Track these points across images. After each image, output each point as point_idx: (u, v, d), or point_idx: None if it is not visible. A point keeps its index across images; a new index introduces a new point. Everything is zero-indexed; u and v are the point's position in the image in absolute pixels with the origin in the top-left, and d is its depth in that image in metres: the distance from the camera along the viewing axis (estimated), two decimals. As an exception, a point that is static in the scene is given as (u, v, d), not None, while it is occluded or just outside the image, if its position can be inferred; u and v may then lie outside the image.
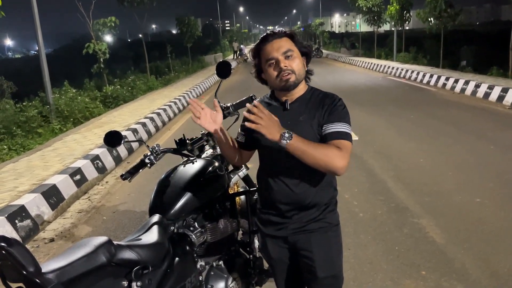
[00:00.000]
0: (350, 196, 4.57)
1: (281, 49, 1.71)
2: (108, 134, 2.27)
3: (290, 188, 1.78)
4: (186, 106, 12.36)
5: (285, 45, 1.72)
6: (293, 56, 1.72)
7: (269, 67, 1.74)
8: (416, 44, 22.23)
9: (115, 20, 12.79)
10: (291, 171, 1.77)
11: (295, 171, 1.76)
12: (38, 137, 7.89)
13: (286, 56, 1.71)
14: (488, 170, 5.27)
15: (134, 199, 4.88)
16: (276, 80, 1.73)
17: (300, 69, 1.74)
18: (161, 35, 62.71)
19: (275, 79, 1.73)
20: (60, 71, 20.52)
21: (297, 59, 1.74)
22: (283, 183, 1.79)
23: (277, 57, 1.71)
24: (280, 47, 1.71)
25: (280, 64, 1.70)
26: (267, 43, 1.75)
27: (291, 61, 1.72)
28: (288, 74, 1.70)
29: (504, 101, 10.03)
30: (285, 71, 1.70)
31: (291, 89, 1.76)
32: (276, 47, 1.72)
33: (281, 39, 1.74)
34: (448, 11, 16.42)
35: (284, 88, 1.74)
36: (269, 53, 1.73)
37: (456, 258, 3.28)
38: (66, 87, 11.33)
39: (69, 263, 1.51)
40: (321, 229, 1.82)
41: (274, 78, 1.73)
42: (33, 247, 3.90)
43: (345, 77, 18.50)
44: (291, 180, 1.77)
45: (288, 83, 1.71)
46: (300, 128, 1.72)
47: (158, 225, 2.00)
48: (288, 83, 1.71)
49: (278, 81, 1.72)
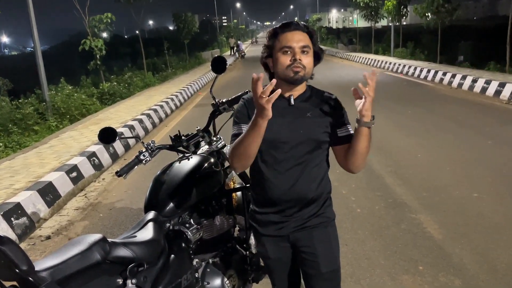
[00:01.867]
0: (347, 191, 4.56)
1: (300, 42, 1.70)
2: (102, 131, 2.25)
3: (292, 184, 1.75)
4: (183, 103, 12.33)
5: (305, 40, 1.71)
6: (308, 53, 1.72)
7: (283, 54, 1.70)
8: (414, 39, 22.22)
9: (111, 16, 12.73)
10: (295, 167, 1.75)
11: (298, 168, 1.75)
12: (34, 134, 7.86)
13: (303, 51, 1.70)
14: (486, 165, 5.27)
15: (131, 196, 4.87)
16: (286, 70, 1.70)
17: (311, 68, 1.74)
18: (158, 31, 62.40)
19: (285, 68, 1.69)
20: (56, 68, 20.45)
21: (311, 57, 1.73)
22: (285, 181, 1.75)
23: (295, 48, 1.69)
24: (300, 40, 1.70)
25: (296, 55, 1.68)
26: (288, 30, 1.72)
27: (306, 57, 1.70)
28: (300, 68, 1.69)
29: (501, 96, 10.02)
30: (298, 64, 1.68)
31: (296, 83, 1.73)
32: (297, 38, 1.70)
33: (303, 32, 1.72)
34: (445, 6, 16.41)
35: (291, 80, 1.71)
36: (287, 41, 1.70)
37: (454, 253, 3.27)
38: (63, 84, 11.29)
39: (63, 261, 1.50)
40: (322, 224, 1.82)
41: (284, 67, 1.70)
42: (29, 244, 3.88)
43: (343, 73, 18.47)
44: (294, 176, 1.75)
45: (296, 76, 1.69)
46: (309, 124, 1.74)
47: (154, 222, 1.99)
48: (296, 76, 1.69)
49: (288, 71, 1.69)
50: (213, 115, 2.60)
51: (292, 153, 1.73)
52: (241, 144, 1.62)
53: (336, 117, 1.78)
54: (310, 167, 1.75)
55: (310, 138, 1.73)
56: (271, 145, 1.73)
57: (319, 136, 1.75)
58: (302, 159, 1.74)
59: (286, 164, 1.74)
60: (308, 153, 1.75)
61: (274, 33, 1.75)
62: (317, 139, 1.75)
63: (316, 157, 1.77)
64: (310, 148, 1.74)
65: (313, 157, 1.76)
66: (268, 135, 1.63)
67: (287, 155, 1.73)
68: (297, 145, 1.72)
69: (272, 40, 1.75)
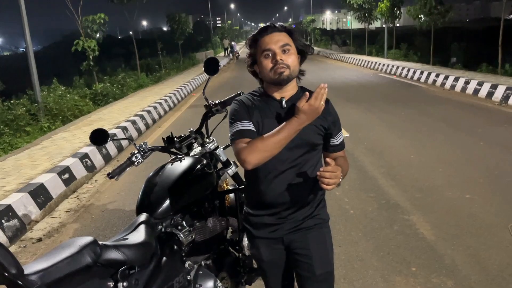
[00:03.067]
0: (341, 193, 4.57)
1: (279, 42, 1.69)
2: (94, 132, 2.23)
3: (287, 186, 1.75)
4: (176, 104, 12.30)
5: (284, 39, 1.71)
6: (290, 52, 1.71)
7: (265, 58, 1.70)
8: (407, 41, 22.37)
9: (104, 17, 12.67)
10: (289, 170, 1.75)
11: (292, 170, 1.75)
12: (26, 135, 7.79)
13: (283, 50, 1.69)
14: (478, 166, 5.30)
15: (123, 198, 4.84)
16: (270, 73, 1.70)
17: (296, 65, 1.72)
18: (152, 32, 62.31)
19: (269, 71, 1.69)
20: (49, 68, 20.34)
21: (294, 55, 1.72)
22: (278, 183, 1.75)
23: (275, 50, 1.69)
24: (278, 40, 1.70)
25: (276, 57, 1.68)
26: (265, 34, 1.72)
27: (288, 56, 1.70)
28: (283, 68, 1.68)
29: (493, 97, 10.10)
30: (280, 64, 1.68)
31: (283, 84, 1.73)
32: (275, 39, 1.70)
33: (280, 33, 1.72)
34: (438, 8, 16.52)
35: (277, 81, 1.71)
36: (266, 44, 1.70)
37: (446, 254, 3.28)
38: (55, 84, 11.22)
39: (53, 264, 1.48)
40: (316, 225, 1.82)
41: (268, 70, 1.70)
42: (20, 247, 3.84)
43: (336, 74, 18.53)
44: (287, 180, 1.75)
45: (281, 76, 1.69)
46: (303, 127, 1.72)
47: (145, 224, 1.97)
48: (281, 76, 1.69)
49: (272, 73, 1.69)
50: (206, 116, 2.59)
51: (286, 155, 1.72)
52: (271, 141, 1.59)
53: (328, 120, 1.78)
54: (304, 169, 1.75)
55: (303, 140, 1.72)
56: None
57: (313, 139, 1.75)
58: (297, 162, 1.74)
59: (280, 166, 1.74)
60: (302, 155, 1.74)
61: (254, 39, 1.76)
62: (310, 141, 1.75)
63: (310, 160, 1.77)
64: (304, 151, 1.74)
65: (307, 160, 1.76)
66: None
67: (281, 157, 1.71)
68: (291, 148, 1.70)
69: (253, 47, 1.76)
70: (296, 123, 1.57)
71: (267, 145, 1.59)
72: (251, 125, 1.71)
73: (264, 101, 1.78)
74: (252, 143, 1.62)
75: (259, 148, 1.59)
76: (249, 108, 1.75)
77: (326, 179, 1.54)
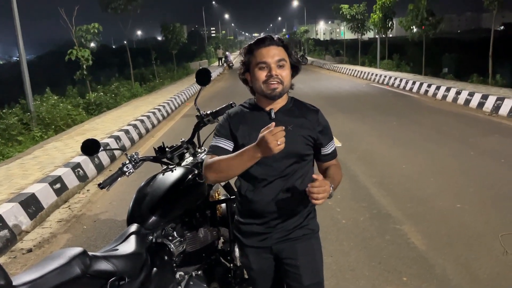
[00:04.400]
0: (333, 202, 4.58)
1: (276, 56, 1.70)
2: (85, 142, 2.23)
3: (276, 196, 1.76)
4: (170, 113, 12.30)
5: (280, 53, 1.72)
6: (285, 66, 1.72)
7: (259, 70, 1.71)
8: (399, 51, 22.59)
9: (99, 26, 12.69)
10: (277, 180, 1.76)
11: (281, 181, 1.76)
12: (18, 145, 7.74)
13: (279, 65, 1.71)
14: (469, 176, 5.35)
15: (115, 208, 4.82)
16: (262, 85, 1.71)
17: (289, 81, 1.74)
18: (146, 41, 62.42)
19: (262, 83, 1.71)
20: (42, 77, 20.25)
21: (288, 70, 1.74)
22: (268, 193, 1.76)
23: (270, 63, 1.70)
24: (275, 54, 1.70)
25: (271, 71, 1.69)
26: (263, 46, 1.72)
27: (282, 71, 1.71)
28: (277, 83, 1.70)
29: (484, 108, 10.22)
30: (274, 79, 1.69)
31: (275, 99, 1.75)
32: (272, 53, 1.70)
33: (277, 47, 1.73)
34: (429, 19, 16.72)
35: (269, 96, 1.72)
36: (263, 56, 1.70)
37: (437, 264, 3.30)
38: (48, 94, 11.17)
39: (41, 275, 1.47)
40: (305, 236, 1.82)
41: (261, 82, 1.71)
42: (10, 258, 3.81)
43: (329, 84, 18.64)
44: (276, 190, 1.76)
45: (274, 92, 1.71)
46: (290, 137, 1.70)
47: (136, 235, 1.97)
48: (274, 92, 1.71)
49: (265, 86, 1.70)
50: (197, 126, 2.61)
51: (275, 166, 1.74)
52: (225, 163, 1.64)
53: (318, 130, 1.80)
54: (294, 179, 1.77)
55: (291, 151, 1.73)
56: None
57: (300, 150, 1.77)
58: (285, 172, 1.76)
59: (269, 176, 1.76)
60: (290, 166, 1.76)
61: (249, 49, 1.76)
62: (298, 153, 1.76)
63: (299, 170, 1.78)
64: (292, 161, 1.76)
65: (296, 170, 1.77)
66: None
67: (269, 168, 1.74)
68: (279, 159, 1.72)
69: (248, 56, 1.77)
70: (249, 152, 1.56)
71: (221, 168, 1.65)
72: (227, 144, 1.76)
73: (254, 113, 1.81)
74: (211, 162, 1.69)
75: (214, 168, 1.67)
76: (236, 123, 1.79)
77: (314, 194, 1.55)
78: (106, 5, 15.23)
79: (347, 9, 25.85)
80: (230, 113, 1.84)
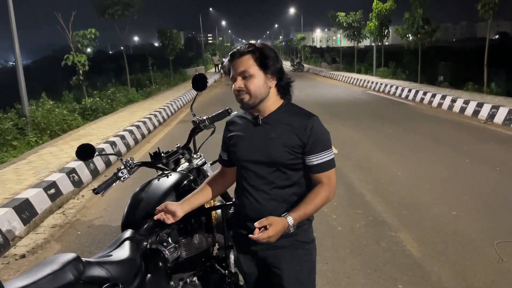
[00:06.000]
0: (328, 209, 4.57)
1: (239, 69, 1.69)
2: (80, 148, 2.22)
3: (261, 204, 1.75)
4: (166, 119, 12.29)
5: (244, 64, 1.68)
6: (250, 76, 1.68)
7: (233, 83, 1.73)
8: (395, 59, 22.73)
9: (95, 32, 12.69)
10: (263, 187, 1.76)
11: (267, 187, 1.75)
12: (12, 149, 7.69)
13: (244, 76, 1.69)
14: (464, 183, 5.36)
15: (110, 213, 4.79)
16: (236, 97, 1.74)
17: (258, 88, 1.69)
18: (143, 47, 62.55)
19: (236, 96, 1.74)
20: (39, 82, 20.17)
21: (255, 78, 1.68)
22: (254, 199, 1.77)
23: (235, 77, 1.70)
24: (238, 67, 1.69)
25: (235, 85, 1.70)
26: (233, 60, 1.72)
27: (248, 81, 1.68)
28: (242, 95, 1.70)
29: (479, 116, 10.28)
30: (239, 92, 1.69)
31: (248, 109, 1.76)
32: (236, 66, 1.70)
33: (241, 58, 1.69)
34: (425, 27, 16.86)
35: (241, 107, 1.76)
36: (232, 71, 1.72)
37: (433, 271, 3.30)
38: (44, 98, 11.14)
39: (34, 281, 1.46)
40: (291, 246, 1.78)
41: (235, 95, 1.74)
42: (3, 263, 3.77)
43: (326, 91, 18.71)
44: (262, 196, 1.76)
45: (243, 103, 1.72)
46: (270, 145, 1.72)
47: (130, 240, 1.95)
48: (243, 103, 1.72)
49: (236, 99, 1.74)
50: (193, 132, 2.61)
51: (258, 172, 1.75)
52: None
53: (302, 140, 1.70)
54: (280, 187, 1.74)
55: (271, 159, 1.72)
56: (240, 164, 1.81)
57: (280, 158, 1.71)
58: (269, 179, 1.74)
59: (255, 182, 1.77)
60: (272, 173, 1.74)
61: (228, 67, 1.78)
62: (278, 161, 1.71)
63: (287, 178, 1.74)
64: (273, 169, 1.73)
65: (281, 178, 1.74)
66: (237, 154, 1.78)
67: (253, 174, 1.76)
68: (261, 166, 1.74)
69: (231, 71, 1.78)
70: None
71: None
72: (225, 154, 1.92)
73: (243, 120, 1.84)
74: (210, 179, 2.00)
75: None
76: (229, 131, 1.87)
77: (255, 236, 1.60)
78: (103, 11, 15.26)
79: (344, 17, 26.01)
80: (227, 122, 1.92)
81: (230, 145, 1.83)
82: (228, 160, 1.91)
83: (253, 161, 1.75)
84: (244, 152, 1.76)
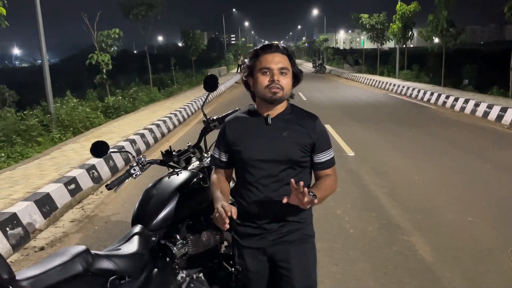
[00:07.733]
0: (342, 211, 4.57)
1: (279, 64, 1.77)
2: (95, 144, 2.31)
3: (270, 201, 1.80)
4: (186, 118, 12.44)
5: (284, 61, 1.78)
6: (287, 74, 1.78)
7: (262, 75, 1.77)
8: (419, 62, 22.37)
9: (119, 32, 12.96)
10: (273, 185, 1.81)
11: (277, 185, 1.80)
12: (37, 145, 7.94)
13: (281, 72, 1.77)
14: (482, 189, 5.27)
15: (127, 210, 4.90)
16: (264, 89, 1.77)
17: (289, 88, 1.80)
18: (167, 47, 63.30)
19: (264, 88, 1.76)
20: (64, 81, 20.75)
21: (289, 79, 1.80)
22: (265, 196, 1.81)
23: (273, 69, 1.76)
24: (279, 62, 1.77)
25: (274, 77, 1.75)
26: (268, 52, 1.79)
27: (284, 78, 1.77)
28: (278, 89, 1.75)
29: (503, 121, 10.04)
30: (276, 84, 1.75)
31: (275, 103, 1.80)
32: (276, 60, 1.77)
33: (282, 54, 1.79)
34: (450, 30, 16.55)
35: (269, 100, 1.78)
36: (267, 62, 1.77)
37: (444, 276, 3.26)
38: (68, 96, 11.45)
39: (44, 271, 1.53)
40: (299, 240, 1.86)
41: (263, 87, 1.77)
42: (22, 255, 3.91)
43: (346, 93, 18.57)
44: (272, 194, 1.80)
45: (274, 96, 1.76)
46: (284, 143, 1.80)
47: (139, 235, 2.02)
48: (274, 96, 1.76)
49: (267, 91, 1.76)
50: (204, 132, 2.67)
51: (269, 171, 1.79)
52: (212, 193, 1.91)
53: (312, 138, 1.82)
54: (288, 184, 1.79)
55: (284, 157, 1.79)
56: (249, 163, 1.82)
57: (293, 156, 1.80)
58: (279, 177, 1.80)
59: (264, 181, 1.81)
60: (283, 171, 1.80)
61: (255, 54, 1.83)
62: (291, 159, 1.80)
63: (294, 175, 1.81)
64: (285, 167, 1.80)
65: (290, 175, 1.80)
66: (245, 154, 1.79)
67: (264, 172, 1.80)
68: (273, 164, 1.79)
69: (253, 60, 1.83)
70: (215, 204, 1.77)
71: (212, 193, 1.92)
72: (222, 156, 1.93)
73: (251, 118, 1.87)
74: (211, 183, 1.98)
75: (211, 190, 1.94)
76: (232, 129, 1.88)
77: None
78: (128, 12, 15.57)
79: (367, 18, 25.75)
80: (228, 120, 1.93)
81: (233, 145, 1.86)
82: (227, 161, 1.94)
83: (265, 160, 1.79)
84: (255, 151, 1.80)
